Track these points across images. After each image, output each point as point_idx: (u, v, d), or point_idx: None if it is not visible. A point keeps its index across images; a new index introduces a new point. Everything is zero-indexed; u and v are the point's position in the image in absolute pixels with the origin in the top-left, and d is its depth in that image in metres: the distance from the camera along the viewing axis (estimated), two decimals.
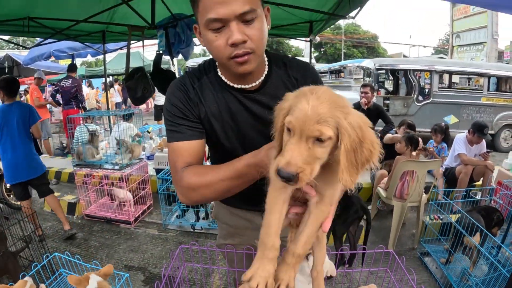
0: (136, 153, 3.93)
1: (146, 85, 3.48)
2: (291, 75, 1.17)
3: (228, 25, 0.93)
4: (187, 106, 1.10)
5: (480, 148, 4.36)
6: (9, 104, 3.31)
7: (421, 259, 3.08)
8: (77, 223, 3.92)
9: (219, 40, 0.95)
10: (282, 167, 0.65)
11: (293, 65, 1.18)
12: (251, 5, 0.92)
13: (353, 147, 0.65)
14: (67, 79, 6.75)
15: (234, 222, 1.44)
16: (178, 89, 1.12)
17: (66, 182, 5.46)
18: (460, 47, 19.80)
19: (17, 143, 3.29)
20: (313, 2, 3.63)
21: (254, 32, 0.96)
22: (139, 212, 3.97)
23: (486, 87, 7.80)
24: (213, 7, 0.91)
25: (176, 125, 1.09)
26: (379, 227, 3.69)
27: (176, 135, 1.09)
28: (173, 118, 1.10)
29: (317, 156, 0.67)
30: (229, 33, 0.93)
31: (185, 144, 1.08)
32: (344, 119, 0.66)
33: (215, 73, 1.15)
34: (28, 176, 3.36)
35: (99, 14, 3.85)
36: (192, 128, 1.10)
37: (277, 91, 1.13)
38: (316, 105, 0.65)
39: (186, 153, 1.08)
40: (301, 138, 0.65)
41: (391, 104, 7.51)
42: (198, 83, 1.14)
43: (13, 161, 3.29)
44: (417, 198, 3.26)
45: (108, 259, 3.14)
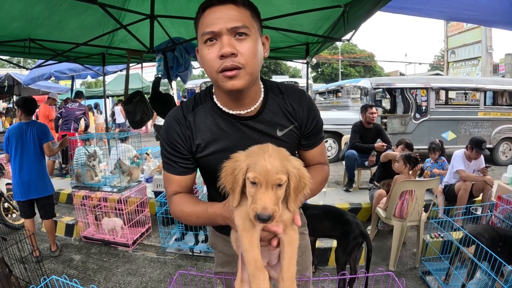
0: (134, 176, 3.93)
1: (145, 109, 3.52)
2: (288, 103, 1.19)
3: (220, 39, 1.00)
4: (179, 142, 1.16)
5: (478, 164, 4.36)
6: (26, 123, 3.42)
7: (423, 278, 3.04)
8: (75, 245, 3.88)
9: (211, 53, 1.01)
10: (261, 212, 0.83)
11: (289, 93, 1.21)
12: (243, 22, 1.00)
13: (296, 183, 0.89)
14: (73, 102, 6.85)
15: (230, 251, 1.40)
16: (172, 123, 1.17)
17: (64, 203, 5.43)
18: (456, 63, 20.07)
19: (32, 160, 3.37)
20: (309, 25, 3.69)
21: (245, 48, 1.01)
22: (137, 234, 3.93)
23: (483, 102, 7.88)
24: (209, 22, 1.01)
25: (169, 159, 1.19)
26: (379, 247, 3.66)
27: (169, 168, 1.20)
28: (167, 152, 1.19)
29: (279, 197, 0.87)
30: (220, 46, 1.00)
31: (175, 177, 1.20)
32: (290, 165, 0.89)
33: (211, 100, 1.17)
34: (39, 194, 3.42)
35: (99, 37, 3.92)
36: (183, 164, 1.18)
37: (275, 118, 1.17)
38: (272, 161, 0.86)
39: (176, 184, 1.21)
40: (267, 187, 0.85)
41: (388, 123, 7.56)
42: (191, 114, 1.17)
43: (27, 178, 3.35)
44: (417, 217, 3.25)
45: (106, 282, 3.10)
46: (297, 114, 1.19)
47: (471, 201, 4.23)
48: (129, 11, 3.24)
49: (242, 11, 1.02)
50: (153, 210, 4.32)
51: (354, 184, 5.28)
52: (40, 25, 3.53)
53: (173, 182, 1.20)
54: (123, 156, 4.27)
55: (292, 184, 0.88)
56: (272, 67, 35.71)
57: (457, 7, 2.74)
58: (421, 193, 3.16)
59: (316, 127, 1.25)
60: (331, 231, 2.71)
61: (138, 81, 10.23)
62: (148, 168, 5.34)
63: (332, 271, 3.04)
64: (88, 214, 4.02)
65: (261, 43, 1.08)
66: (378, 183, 4.12)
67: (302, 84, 10.31)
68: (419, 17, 3.98)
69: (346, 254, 2.53)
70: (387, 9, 2.71)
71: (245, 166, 0.89)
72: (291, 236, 0.95)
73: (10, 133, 3.41)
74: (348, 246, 2.52)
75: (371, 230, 3.80)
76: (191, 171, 1.21)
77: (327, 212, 2.77)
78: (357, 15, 2.90)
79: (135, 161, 4.57)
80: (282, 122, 1.18)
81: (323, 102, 12.80)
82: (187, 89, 12.64)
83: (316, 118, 1.24)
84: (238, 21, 1.00)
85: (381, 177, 4.12)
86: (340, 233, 2.60)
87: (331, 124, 7.94)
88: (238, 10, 1.01)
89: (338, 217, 2.67)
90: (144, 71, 4.57)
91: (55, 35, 3.85)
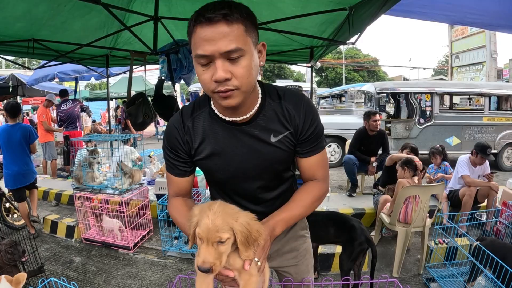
0: (136, 178, 3.90)
1: (147, 111, 3.51)
2: (284, 107, 1.17)
3: (214, 62, 0.97)
4: (179, 146, 1.21)
5: (483, 169, 4.33)
6: (12, 125, 3.99)
7: (427, 285, 2.99)
8: (75, 247, 3.86)
9: (206, 75, 1.00)
10: (200, 265, 0.94)
11: (287, 97, 1.18)
12: (237, 44, 0.95)
13: (245, 238, 0.96)
14: (64, 103, 6.80)
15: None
16: (172, 129, 1.22)
17: (66, 204, 5.42)
18: (460, 68, 20.00)
19: (18, 157, 3.97)
20: (314, 28, 3.68)
21: (239, 70, 0.98)
22: (138, 237, 3.90)
23: (487, 107, 7.82)
24: (201, 44, 0.96)
25: (170, 162, 1.26)
26: (383, 253, 3.61)
27: (170, 169, 1.28)
28: (168, 155, 1.25)
29: (222, 252, 0.95)
30: (214, 69, 0.97)
31: (175, 179, 1.28)
32: (235, 222, 0.96)
33: (209, 106, 1.19)
34: (26, 182, 4.09)
35: (103, 38, 3.92)
36: (182, 167, 1.25)
37: (269, 124, 1.17)
38: (214, 219, 0.94)
39: (176, 186, 1.29)
40: (208, 243, 0.94)
41: (392, 128, 7.52)
42: (190, 120, 1.20)
43: (15, 170, 3.99)
44: (421, 222, 3.21)
45: (106, 285, 3.07)
46: (293, 120, 1.17)
47: (475, 207, 4.19)
48: (133, 12, 3.24)
49: (235, 28, 0.95)
50: (154, 213, 4.30)
51: (358, 189, 5.24)
52: (44, 26, 3.54)
53: (173, 183, 1.29)
54: (125, 158, 4.25)
55: (239, 239, 0.96)
56: (276, 71, 35.83)
57: (462, 11, 2.72)
58: (425, 198, 3.11)
59: (314, 134, 1.20)
60: (336, 238, 2.67)
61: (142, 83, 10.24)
62: (150, 170, 5.32)
63: (335, 277, 3.00)
64: (89, 216, 4.00)
65: (256, 54, 1.05)
66: (383, 188, 4.08)
67: (306, 88, 10.30)
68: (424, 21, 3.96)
69: (351, 260, 2.49)
70: (392, 13, 2.69)
71: (195, 220, 0.99)
72: (246, 280, 1.05)
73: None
74: (353, 253, 2.48)
75: (375, 236, 3.75)
76: (189, 174, 1.28)
77: (332, 218, 2.73)
78: (362, 18, 2.88)
79: (137, 163, 4.55)
80: (277, 128, 1.17)
81: (327, 106, 12.80)
82: (190, 92, 12.67)
83: (314, 124, 1.19)
84: (232, 43, 0.95)
85: (386, 182, 4.08)
86: (345, 239, 2.56)
87: (335, 129, 7.92)
88: (230, 29, 0.95)
89: (343, 223, 2.63)
90: (147, 74, 4.57)
91: (58, 36, 3.86)
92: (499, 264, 2.24)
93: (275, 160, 1.22)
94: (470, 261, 2.64)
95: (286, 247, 1.48)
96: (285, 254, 1.48)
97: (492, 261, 2.32)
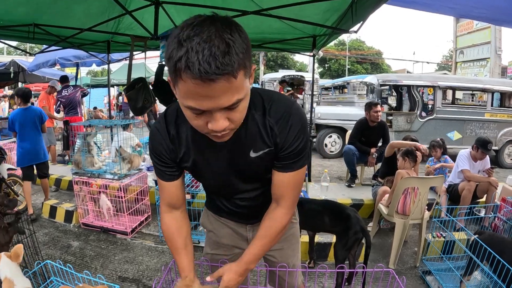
0: (135, 163, 3.89)
1: (147, 96, 3.48)
2: (267, 122, 1.09)
3: (209, 113, 0.87)
4: (164, 154, 1.18)
5: (484, 164, 4.30)
6: (25, 108, 4.43)
7: (423, 278, 2.99)
8: (73, 232, 3.87)
9: (199, 121, 0.91)
10: None
11: (272, 111, 1.08)
12: (238, 96, 0.85)
13: None
14: (65, 88, 6.77)
15: (219, 230, 1.49)
16: (156, 136, 1.17)
17: (65, 189, 5.44)
18: (464, 63, 19.88)
19: (31, 136, 4.39)
20: (317, 16, 3.64)
21: (237, 115, 0.92)
22: (136, 223, 3.91)
23: (490, 103, 7.77)
24: (195, 99, 0.83)
25: (157, 168, 1.22)
26: (380, 245, 3.62)
27: (159, 175, 1.24)
28: (154, 161, 1.22)
29: None
30: (210, 118, 0.89)
31: (165, 184, 1.25)
32: None
33: None
34: (38, 160, 4.47)
35: (104, 23, 3.88)
36: (169, 172, 1.22)
37: (250, 139, 1.11)
38: None
39: (167, 193, 1.27)
40: None
41: (394, 120, 7.48)
42: (174, 127, 1.15)
43: (28, 149, 4.38)
44: (419, 215, 3.19)
45: (103, 269, 3.08)
46: (275, 137, 1.09)
47: (474, 202, 4.17)
48: None
49: (237, 80, 0.81)
50: (153, 199, 4.30)
51: (357, 180, 5.23)
52: (46, 11, 3.51)
53: (164, 189, 1.26)
54: (125, 144, 4.24)
55: None
56: (279, 61, 35.57)
57: (467, 4, 2.67)
58: (424, 190, 3.10)
59: (295, 151, 1.11)
60: (331, 226, 2.66)
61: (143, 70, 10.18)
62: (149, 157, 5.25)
63: (331, 266, 3.00)
64: (87, 201, 4.00)
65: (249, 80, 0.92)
66: (382, 179, 4.07)
67: (308, 78, 10.24)
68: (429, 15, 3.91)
69: (346, 249, 2.49)
70: (395, 3, 2.65)
71: None
72: None
73: (13, 117, 4.42)
74: (348, 242, 2.47)
75: (372, 227, 3.75)
76: (177, 177, 1.24)
77: (328, 207, 2.72)
78: (365, 6, 2.84)
79: (136, 150, 4.54)
80: (257, 144, 1.11)
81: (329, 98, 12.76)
82: None
83: (297, 142, 1.09)
84: (233, 97, 0.84)
85: (385, 173, 4.06)
86: (341, 228, 2.55)
87: (336, 120, 7.90)
88: (231, 83, 0.81)
89: (339, 212, 2.62)
90: (148, 61, 4.54)
91: (60, 21, 3.83)
92: (496, 259, 2.22)
93: (256, 171, 1.21)
94: (467, 255, 2.63)
95: None
96: None
97: (489, 255, 2.31)
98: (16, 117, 4.40)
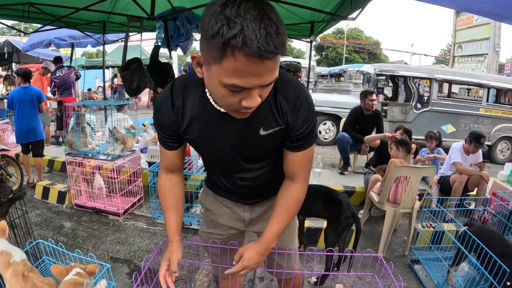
0: (128, 145, 3.87)
1: (142, 76, 3.45)
2: (278, 101, 1.10)
3: (247, 89, 0.87)
4: (167, 125, 1.19)
5: (476, 158, 4.33)
6: (24, 87, 4.60)
7: (411, 266, 3.03)
8: (66, 212, 3.87)
9: (233, 98, 0.90)
10: None
11: (284, 91, 1.09)
12: (276, 74, 0.88)
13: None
14: (59, 69, 6.68)
15: (217, 209, 1.49)
16: (161, 107, 1.17)
17: (58, 171, 5.41)
18: (461, 58, 19.88)
19: (29, 114, 4.55)
20: (316, 1, 3.61)
21: (267, 92, 0.94)
22: (128, 204, 3.91)
23: (485, 98, 7.79)
24: (244, 77, 0.83)
25: (160, 135, 1.25)
26: (370, 233, 3.66)
27: (161, 142, 1.27)
28: (157, 130, 1.24)
29: None
30: (247, 96, 0.89)
31: (166, 151, 1.28)
32: None
33: (202, 88, 1.10)
34: (34, 138, 4.64)
35: (100, 2, 3.82)
36: (170, 142, 1.24)
37: (261, 116, 1.10)
38: None
39: (166, 158, 1.31)
40: None
41: (389, 111, 7.48)
42: (181, 99, 1.14)
43: (26, 127, 4.55)
44: (410, 204, 3.22)
45: (94, 250, 3.09)
46: (286, 116, 1.11)
47: (465, 195, 4.21)
48: None
49: (278, 60, 0.85)
50: (146, 181, 4.29)
51: (350, 168, 5.25)
52: None
53: (164, 155, 1.30)
54: (119, 126, 4.21)
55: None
56: None
57: None
58: (416, 180, 3.11)
59: (305, 132, 1.14)
60: (323, 211, 2.67)
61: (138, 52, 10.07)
62: (143, 138, 5.27)
63: (321, 251, 3.03)
64: (80, 182, 3.99)
65: None
66: (375, 167, 4.09)
67: (305, 64, 10.18)
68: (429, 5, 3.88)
69: (336, 234, 2.50)
70: None
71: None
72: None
73: (12, 95, 4.62)
74: (339, 227, 2.49)
75: (363, 215, 3.78)
76: (177, 147, 1.27)
77: (321, 192, 2.73)
78: None
79: (130, 131, 4.51)
80: (268, 122, 1.12)
81: (325, 85, 12.71)
82: (188, 64, 12.47)
83: (307, 124, 1.12)
84: (274, 75, 0.87)
85: (378, 161, 4.09)
86: (332, 213, 2.57)
87: (331, 107, 7.89)
88: (275, 62, 0.84)
89: (330, 197, 2.63)
90: (144, 43, 4.49)
91: (56, 0, 3.75)
92: (484, 251, 2.23)
93: (263, 150, 1.21)
94: (455, 246, 2.66)
95: (269, 213, 1.45)
96: (268, 220, 1.49)
97: (477, 247, 2.32)
98: (16, 95, 4.57)
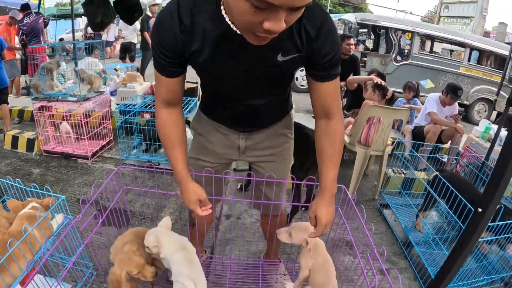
0: (95, 85, 3.72)
1: (106, 11, 3.25)
2: (303, 27, 1.00)
3: (274, 9, 0.73)
4: (170, 46, 1.03)
5: (452, 110, 4.34)
6: None
7: (380, 210, 3.08)
8: (35, 160, 3.78)
9: (255, 17, 0.75)
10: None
11: (310, 16, 0.99)
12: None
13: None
14: (27, 16, 6.27)
15: (210, 134, 1.43)
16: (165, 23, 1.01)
17: (28, 120, 5.22)
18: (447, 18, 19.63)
19: None
20: None
21: (293, 18, 0.80)
22: (97, 147, 3.84)
23: (467, 58, 7.75)
24: None
25: (158, 61, 1.08)
26: (341, 176, 3.62)
27: (159, 68, 1.10)
28: (156, 53, 1.06)
29: None
30: (271, 17, 0.74)
31: (164, 78, 1.12)
32: None
33: (216, 6, 0.96)
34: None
35: None
36: (173, 68, 1.09)
37: (280, 41, 0.98)
38: None
39: (165, 88, 1.15)
40: None
41: (368, 61, 7.42)
42: (189, 16, 0.99)
43: None
44: (382, 147, 3.20)
45: (62, 193, 3.02)
46: (310, 43, 1.02)
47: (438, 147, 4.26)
48: None
49: None
50: (114, 124, 4.19)
51: None
52: None
53: (162, 84, 1.14)
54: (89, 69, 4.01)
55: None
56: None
57: None
58: (388, 121, 3.08)
59: (332, 61, 1.07)
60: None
61: None
62: (113, 81, 5.09)
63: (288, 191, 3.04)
64: (48, 127, 3.86)
65: None
66: (348, 111, 4.06)
67: None
68: None
69: (304, 170, 2.44)
70: None
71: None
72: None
73: None
74: (306, 162, 2.42)
75: None
76: (179, 74, 1.12)
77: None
78: None
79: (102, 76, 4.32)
80: (288, 47, 1.03)
81: None
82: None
83: (333, 52, 1.05)
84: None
85: (351, 106, 4.05)
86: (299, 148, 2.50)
87: None
88: None
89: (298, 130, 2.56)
90: None
91: None
92: (454, 196, 2.23)
93: (276, 78, 1.14)
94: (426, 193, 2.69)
95: (266, 142, 1.44)
96: (263, 149, 1.45)
97: (446, 192, 2.32)
98: None
